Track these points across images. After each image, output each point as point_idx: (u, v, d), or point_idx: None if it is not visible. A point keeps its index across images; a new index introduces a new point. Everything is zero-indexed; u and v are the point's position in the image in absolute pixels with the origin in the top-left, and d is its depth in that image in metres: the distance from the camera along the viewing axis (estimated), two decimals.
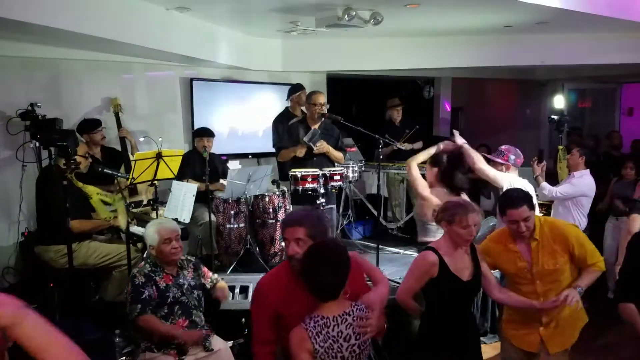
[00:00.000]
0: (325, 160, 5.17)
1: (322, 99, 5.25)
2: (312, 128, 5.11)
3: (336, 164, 5.29)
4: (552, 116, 6.03)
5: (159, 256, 3.38)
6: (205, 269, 3.66)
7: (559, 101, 7.68)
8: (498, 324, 3.42)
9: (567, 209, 4.92)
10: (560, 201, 4.98)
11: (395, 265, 4.99)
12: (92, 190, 4.25)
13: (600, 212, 5.86)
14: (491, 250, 3.13)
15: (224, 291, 3.70)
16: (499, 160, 4.21)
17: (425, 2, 4.85)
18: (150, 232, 3.40)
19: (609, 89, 10.43)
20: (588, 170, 4.98)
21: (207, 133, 5.57)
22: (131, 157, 5.29)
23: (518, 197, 2.97)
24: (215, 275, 3.72)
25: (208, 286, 3.62)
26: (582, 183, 4.90)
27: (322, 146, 5.08)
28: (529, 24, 5.85)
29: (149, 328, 3.25)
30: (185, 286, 3.42)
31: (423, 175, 4.14)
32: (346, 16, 4.94)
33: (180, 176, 4.93)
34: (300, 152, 5.08)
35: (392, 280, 4.82)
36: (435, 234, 3.69)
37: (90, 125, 5.21)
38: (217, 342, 3.44)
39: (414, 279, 2.92)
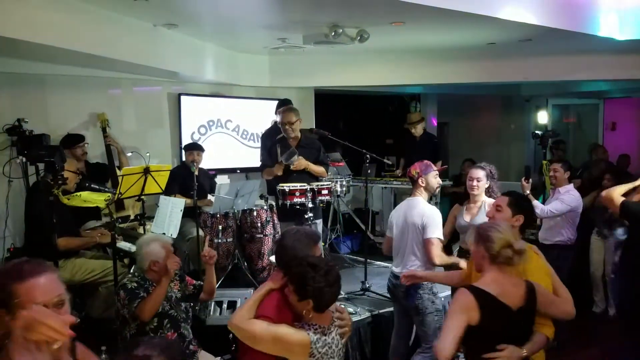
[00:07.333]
0: (306, 176, 4.93)
1: (291, 117, 4.90)
2: (291, 148, 4.89)
3: (323, 179, 5.16)
4: (536, 131, 6.11)
5: (160, 271, 3.26)
6: (188, 278, 3.60)
7: (543, 116, 7.81)
8: None
9: (558, 224, 4.98)
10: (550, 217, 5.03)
11: (383, 279, 4.99)
12: (78, 199, 4.12)
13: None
14: None
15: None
16: None
17: (410, 20, 4.94)
18: (156, 247, 3.28)
19: (591, 104, 10.60)
20: (572, 185, 5.05)
21: (197, 147, 5.59)
22: (119, 167, 5.31)
23: None
24: (200, 282, 3.59)
25: (192, 292, 3.54)
26: (570, 198, 4.94)
27: (298, 164, 4.85)
28: (513, 41, 5.95)
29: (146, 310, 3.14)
30: (173, 298, 3.40)
31: None
32: (333, 33, 5.02)
33: (168, 191, 4.92)
34: (278, 170, 4.90)
35: (381, 295, 4.88)
36: None
37: (71, 140, 5.18)
38: (205, 359, 3.42)
39: None
